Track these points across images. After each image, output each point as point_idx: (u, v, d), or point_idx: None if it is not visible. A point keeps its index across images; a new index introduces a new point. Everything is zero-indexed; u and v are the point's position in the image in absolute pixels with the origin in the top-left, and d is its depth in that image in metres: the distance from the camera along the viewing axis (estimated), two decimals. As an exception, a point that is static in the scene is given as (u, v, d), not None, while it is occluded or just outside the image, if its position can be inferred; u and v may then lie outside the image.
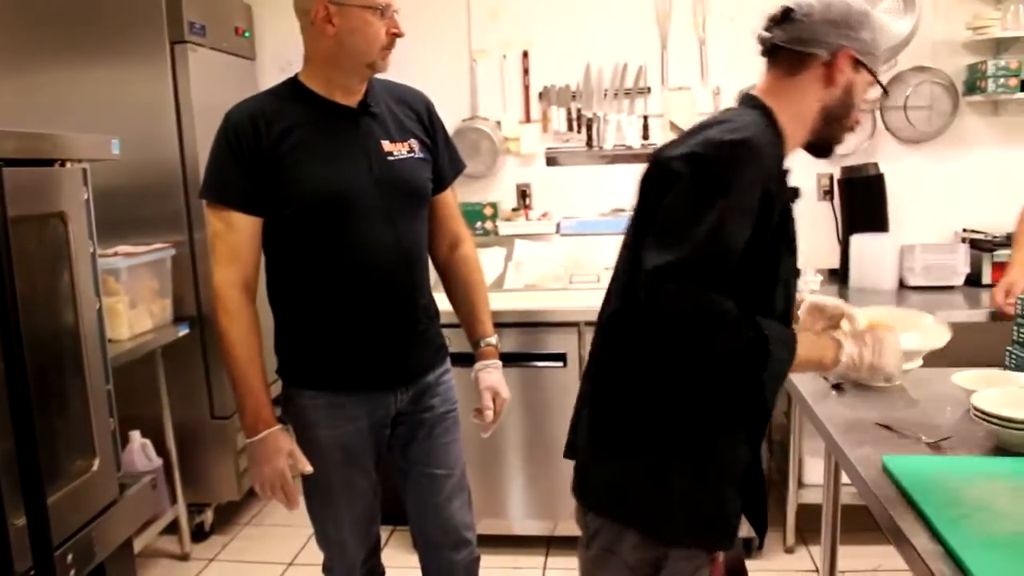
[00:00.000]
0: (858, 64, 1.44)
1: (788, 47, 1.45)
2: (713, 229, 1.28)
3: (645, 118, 3.58)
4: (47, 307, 1.75)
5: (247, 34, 3.63)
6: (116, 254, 2.84)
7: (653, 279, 1.30)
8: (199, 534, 3.35)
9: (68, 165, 1.80)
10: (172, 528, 3.18)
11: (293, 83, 1.86)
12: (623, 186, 3.46)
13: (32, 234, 1.67)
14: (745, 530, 1.58)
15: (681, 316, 1.30)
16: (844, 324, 1.53)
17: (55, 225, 1.75)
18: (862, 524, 2.07)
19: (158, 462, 3.07)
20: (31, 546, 1.47)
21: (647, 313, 1.34)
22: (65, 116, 3.06)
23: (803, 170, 3.52)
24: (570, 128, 3.63)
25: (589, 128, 3.60)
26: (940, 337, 1.72)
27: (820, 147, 1.53)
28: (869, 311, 1.53)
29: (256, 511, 3.60)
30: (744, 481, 1.50)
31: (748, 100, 1.49)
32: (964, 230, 3.43)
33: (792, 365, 1.38)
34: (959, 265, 3.21)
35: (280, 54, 3.67)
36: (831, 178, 3.54)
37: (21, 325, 1.49)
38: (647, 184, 1.45)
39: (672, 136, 3.53)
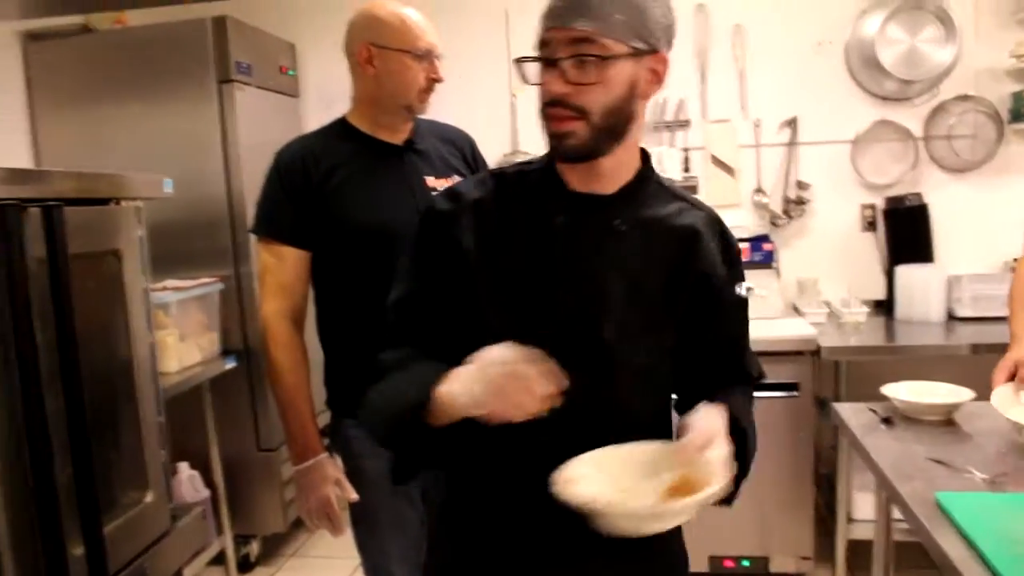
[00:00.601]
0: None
1: None
2: (395, 293, 1.34)
3: (686, 151, 3.58)
4: (102, 342, 1.79)
5: (291, 72, 3.72)
6: (165, 288, 2.90)
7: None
8: (245, 565, 3.37)
9: (123, 204, 1.85)
10: (219, 559, 3.20)
11: (341, 123, 1.91)
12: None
13: (89, 271, 1.72)
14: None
15: None
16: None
17: (110, 262, 1.81)
18: (914, 561, 2.03)
19: (206, 493, 3.11)
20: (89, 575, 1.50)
21: None
22: (117, 154, 3.17)
23: (846, 200, 3.52)
24: (610, 161, 3.64)
25: (629, 161, 3.61)
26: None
27: None
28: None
29: (301, 543, 3.62)
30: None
31: None
32: (1014, 259, 3.37)
33: (406, 399, 1.14)
34: (1008, 295, 3.15)
35: (323, 91, 3.74)
36: (874, 209, 3.51)
37: (79, 359, 1.53)
38: None
39: (714, 169, 3.55)
